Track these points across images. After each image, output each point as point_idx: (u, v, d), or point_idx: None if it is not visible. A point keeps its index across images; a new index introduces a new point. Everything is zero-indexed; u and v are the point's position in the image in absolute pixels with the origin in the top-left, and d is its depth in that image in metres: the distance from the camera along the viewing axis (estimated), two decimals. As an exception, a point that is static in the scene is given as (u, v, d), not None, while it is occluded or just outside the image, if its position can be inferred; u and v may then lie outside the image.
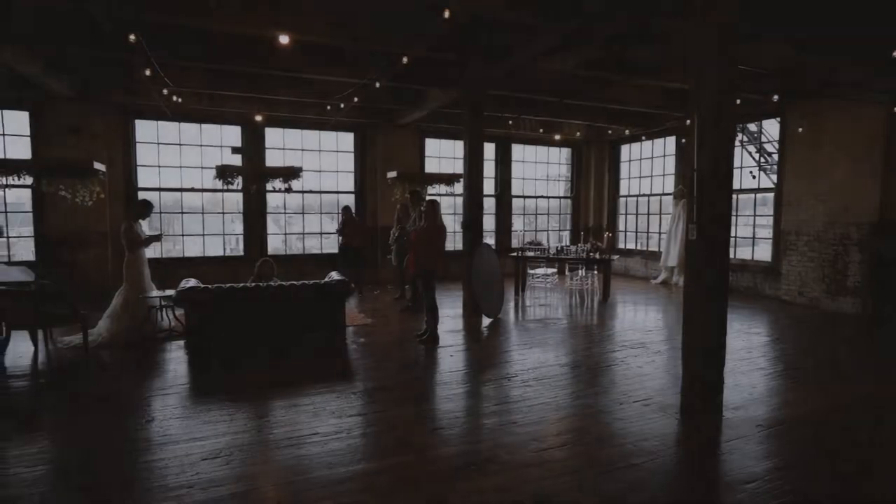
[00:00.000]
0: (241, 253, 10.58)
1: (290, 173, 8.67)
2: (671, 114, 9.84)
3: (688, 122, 9.58)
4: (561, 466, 3.32)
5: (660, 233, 11.99)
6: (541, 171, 13.20)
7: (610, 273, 9.41)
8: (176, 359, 5.66)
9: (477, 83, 7.09)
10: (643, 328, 7.21)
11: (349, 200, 11.01)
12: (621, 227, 13.15)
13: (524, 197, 13.02)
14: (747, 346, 6.18)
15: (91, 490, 3.01)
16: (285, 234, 11.32)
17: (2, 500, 2.92)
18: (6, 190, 8.25)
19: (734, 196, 6.54)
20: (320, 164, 10.87)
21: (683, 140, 10.68)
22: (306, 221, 11.13)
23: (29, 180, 8.06)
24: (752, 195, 10.10)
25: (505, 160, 12.40)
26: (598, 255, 9.30)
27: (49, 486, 3.07)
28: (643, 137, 11.85)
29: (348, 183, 11.17)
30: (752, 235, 10.10)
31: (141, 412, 4.18)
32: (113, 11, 4.37)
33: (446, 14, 4.14)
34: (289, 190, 8.97)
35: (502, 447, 3.58)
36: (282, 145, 10.50)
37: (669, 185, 11.59)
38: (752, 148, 10.17)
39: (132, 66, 6.09)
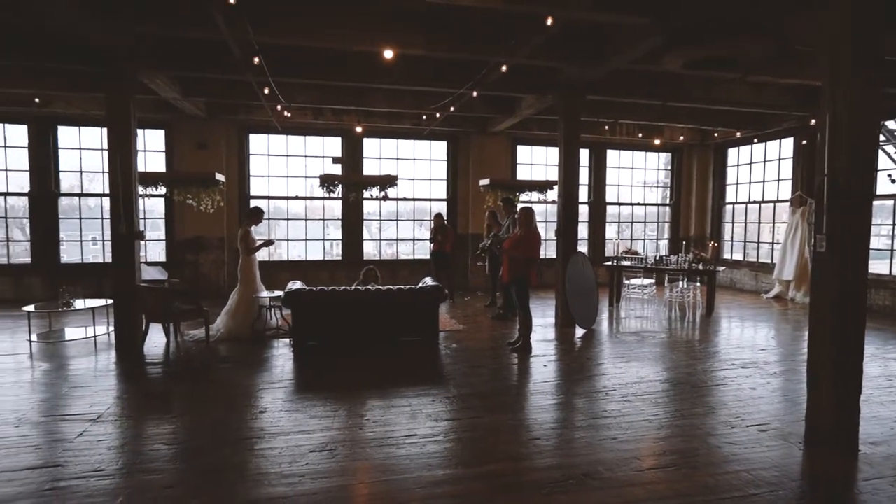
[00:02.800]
0: (339, 257, 11.16)
1: (387, 181, 9.02)
2: (790, 113, 9.00)
3: (812, 121, 8.78)
4: (667, 489, 3.14)
5: (772, 243, 11.00)
6: (637, 177, 12.65)
7: (715, 285, 8.78)
8: (283, 355, 6.08)
9: (574, 88, 6.96)
10: (754, 346, 6.64)
11: (441, 208, 11.23)
12: (727, 236, 12.22)
13: (619, 204, 12.54)
14: (885, 374, 5.47)
15: (217, 471, 3.31)
16: (380, 239, 11.78)
17: (150, 471, 3.31)
18: (145, 199, 9.35)
19: (868, 203, 5.80)
20: (414, 173, 11.22)
21: (805, 141, 9.73)
22: (400, 228, 11.51)
23: (163, 190, 9.08)
24: (891, 202, 8.95)
25: (599, 166, 12.04)
26: (701, 266, 8.72)
27: (182, 463, 3.43)
28: (755, 140, 10.95)
29: (440, 190, 11.41)
30: (891, 247, 8.94)
31: (254, 403, 4.53)
32: (242, 37, 4.84)
33: (549, 21, 4.11)
34: (385, 198, 9.33)
35: (601, 463, 3.46)
36: (378, 154, 10.98)
37: (785, 192, 10.61)
38: (890, 148, 9.03)
39: (252, 87, 6.67)
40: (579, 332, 7.30)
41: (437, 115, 8.43)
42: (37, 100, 8.04)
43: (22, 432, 3.85)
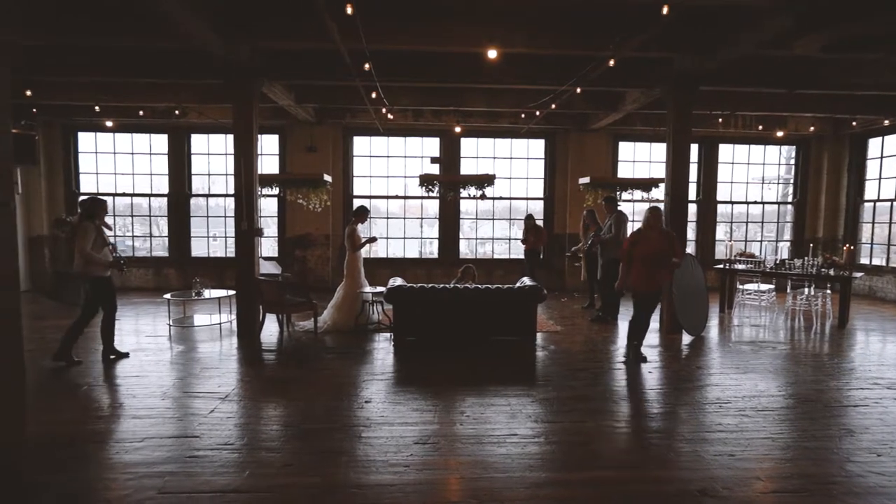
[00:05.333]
0: (436, 255, 11.39)
1: (485, 181, 9.06)
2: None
3: None
4: (798, 516, 2.85)
5: (924, 247, 9.56)
6: (754, 173, 11.60)
7: (849, 293, 7.81)
8: (383, 349, 6.32)
9: (686, 80, 6.52)
10: (902, 364, 5.82)
11: (538, 207, 11.08)
12: (865, 238, 10.82)
13: (732, 203, 11.58)
14: None
15: (329, 454, 3.52)
16: (476, 238, 11.87)
17: (270, 449, 3.60)
18: (261, 198, 10.17)
19: None
20: (511, 172, 11.17)
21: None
22: (495, 227, 11.50)
23: (276, 190, 9.82)
24: None
25: (710, 162, 11.20)
26: (832, 272, 7.80)
27: (298, 444, 3.68)
28: (904, 127, 9.58)
29: (537, 189, 11.25)
30: None
31: (359, 393, 4.75)
32: (354, 45, 5.12)
33: (665, 10, 3.89)
34: (483, 197, 9.37)
35: (718, 480, 3.22)
36: (475, 154, 11.05)
37: (941, 187, 9.17)
38: None
39: (359, 91, 7.01)
40: (686, 338, 6.84)
41: (538, 112, 8.31)
42: (177, 112, 9.06)
43: (166, 405, 4.37)
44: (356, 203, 10.09)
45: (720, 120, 9.30)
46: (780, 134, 10.15)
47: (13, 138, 2.72)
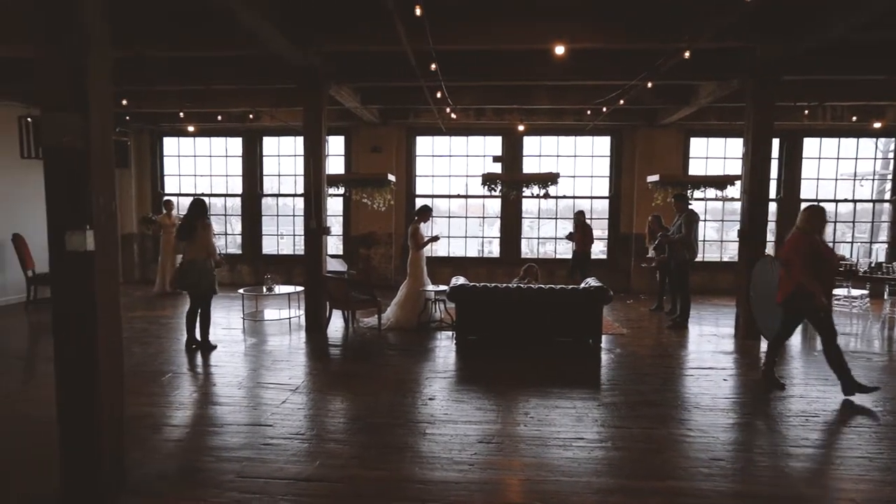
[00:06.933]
0: (496, 255, 11.32)
1: (549, 179, 8.91)
2: None
3: None
4: (901, 544, 2.59)
5: None
6: (844, 168, 10.69)
7: (959, 301, 7.04)
8: (445, 347, 6.35)
9: (768, 69, 6.11)
10: None
11: (603, 205, 10.77)
12: (976, 240, 9.71)
13: (817, 201, 10.72)
14: None
15: (394, 449, 3.58)
16: (537, 238, 11.69)
17: (338, 441, 3.72)
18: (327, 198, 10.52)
19: None
20: (574, 170, 10.91)
21: None
22: (558, 226, 11.28)
23: (342, 190, 10.12)
24: None
25: (793, 157, 10.43)
26: (938, 277, 7.05)
27: (364, 437, 3.77)
28: None
29: (603, 188, 10.92)
30: None
31: (423, 390, 4.79)
32: (420, 46, 5.19)
33: (748, -6, 3.66)
34: (546, 196, 9.22)
35: (807, 500, 2.99)
36: (538, 152, 10.89)
37: None
38: None
39: (423, 92, 7.10)
40: (764, 345, 6.40)
41: (604, 109, 8.07)
42: (251, 116, 9.54)
43: (242, 394, 4.61)
44: (419, 202, 10.22)
45: (806, 112, 8.63)
46: (877, 125, 9.27)
47: (112, 143, 2.97)
